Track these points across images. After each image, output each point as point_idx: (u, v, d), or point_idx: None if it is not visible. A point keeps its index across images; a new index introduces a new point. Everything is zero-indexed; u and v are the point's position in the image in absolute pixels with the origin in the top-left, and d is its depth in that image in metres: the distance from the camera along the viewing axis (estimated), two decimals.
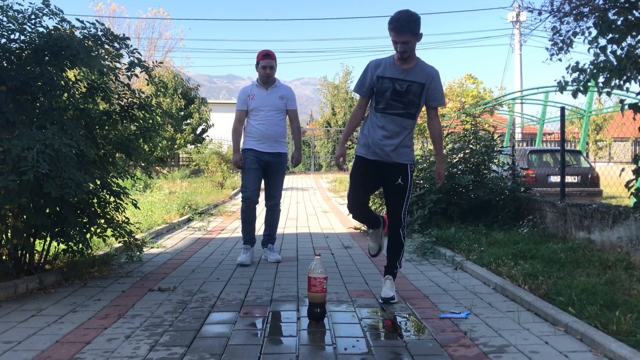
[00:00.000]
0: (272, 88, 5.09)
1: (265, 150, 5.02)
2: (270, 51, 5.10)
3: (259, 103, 5.02)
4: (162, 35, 28.04)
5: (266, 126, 5.01)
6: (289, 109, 5.15)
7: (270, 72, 5.01)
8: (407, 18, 3.38)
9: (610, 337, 2.69)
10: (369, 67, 3.61)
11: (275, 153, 5.06)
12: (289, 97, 5.14)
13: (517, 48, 23.33)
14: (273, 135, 5.02)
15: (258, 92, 5.07)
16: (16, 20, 3.87)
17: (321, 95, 28.91)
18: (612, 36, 4.11)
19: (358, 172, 3.73)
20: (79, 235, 4.16)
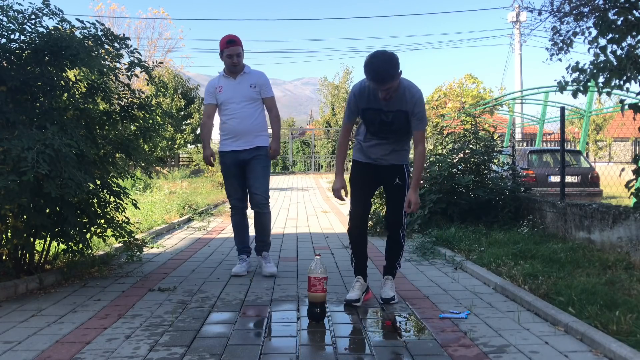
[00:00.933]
0: (241, 76, 4.49)
1: (241, 147, 4.48)
2: (234, 37, 4.47)
3: (228, 95, 4.46)
4: (162, 35, 28.01)
5: (238, 120, 4.46)
6: (264, 96, 4.53)
7: (237, 61, 4.41)
8: (385, 68, 3.19)
9: (610, 337, 2.69)
10: (352, 98, 3.50)
11: (252, 149, 4.48)
12: (262, 83, 4.51)
13: (517, 48, 23.34)
14: (248, 130, 4.46)
15: (226, 83, 4.49)
16: (16, 20, 3.87)
17: (321, 95, 28.92)
18: (612, 36, 4.11)
19: (357, 176, 3.72)
20: (79, 235, 4.16)
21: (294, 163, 28.40)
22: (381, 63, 3.19)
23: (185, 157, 22.66)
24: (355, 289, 3.63)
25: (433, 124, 15.62)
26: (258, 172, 4.49)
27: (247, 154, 4.48)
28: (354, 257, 3.75)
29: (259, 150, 4.50)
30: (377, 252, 5.66)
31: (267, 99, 4.55)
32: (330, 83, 28.14)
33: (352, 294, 3.59)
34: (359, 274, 3.72)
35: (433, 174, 6.95)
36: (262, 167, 4.51)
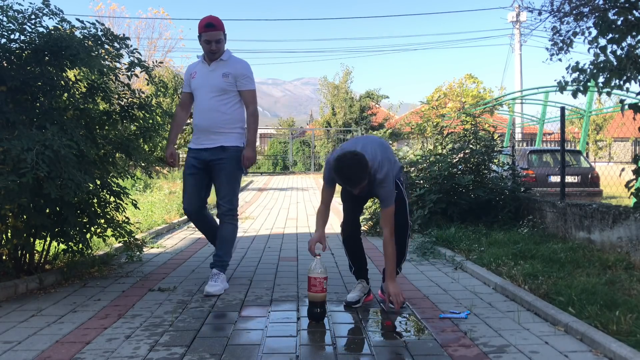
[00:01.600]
0: (216, 63, 3.93)
1: (203, 146, 3.94)
2: (214, 19, 3.93)
3: (197, 83, 3.98)
4: (162, 35, 28.03)
5: (202, 113, 3.93)
6: (240, 89, 3.93)
7: (216, 48, 3.90)
8: (356, 173, 3.13)
9: (610, 337, 2.69)
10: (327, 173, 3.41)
11: (216, 148, 3.91)
12: (239, 73, 3.91)
13: (517, 48, 23.34)
14: (211, 125, 3.90)
15: (200, 69, 4.00)
16: (16, 20, 3.87)
17: (321, 95, 28.88)
18: (612, 36, 4.11)
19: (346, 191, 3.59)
20: (79, 235, 4.16)
21: (294, 163, 28.39)
22: (352, 170, 3.14)
23: (185, 157, 22.64)
24: (356, 290, 3.62)
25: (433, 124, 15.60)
26: (222, 179, 3.94)
27: (210, 154, 3.92)
28: (352, 264, 3.74)
29: (224, 152, 3.89)
30: (377, 252, 5.66)
31: (244, 92, 3.96)
32: (330, 83, 28.10)
33: (352, 295, 3.58)
34: (361, 278, 3.71)
35: (433, 174, 6.95)
36: (226, 173, 3.92)
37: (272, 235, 7.06)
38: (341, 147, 3.45)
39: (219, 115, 3.90)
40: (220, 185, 3.97)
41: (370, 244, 6.26)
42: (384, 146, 3.46)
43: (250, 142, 3.98)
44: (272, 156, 29.72)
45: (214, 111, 3.90)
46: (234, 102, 3.95)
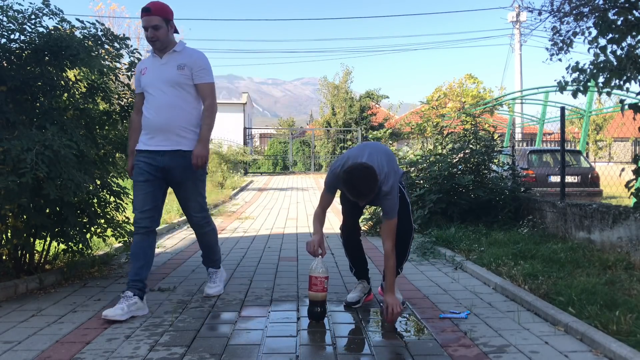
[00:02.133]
0: (168, 55, 3.48)
1: (158, 147, 3.44)
2: (152, 3, 3.42)
3: (149, 78, 3.49)
4: None
5: (154, 111, 3.42)
6: (197, 82, 3.48)
7: (155, 35, 3.39)
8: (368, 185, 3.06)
9: (610, 337, 2.69)
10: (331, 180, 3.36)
11: (176, 153, 3.44)
12: (196, 65, 3.47)
13: (517, 48, 23.34)
14: (166, 124, 3.41)
15: (151, 64, 3.53)
16: (16, 20, 3.87)
17: (321, 95, 28.86)
18: (612, 36, 4.10)
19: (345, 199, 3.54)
20: (79, 235, 4.16)
21: (294, 163, 28.39)
22: (362, 184, 3.07)
23: None
24: (357, 290, 3.62)
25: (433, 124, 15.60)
26: (189, 190, 3.59)
27: (169, 160, 3.45)
28: (353, 266, 3.73)
29: (185, 158, 3.46)
30: (377, 252, 5.66)
31: (201, 86, 3.49)
32: (330, 83, 28.09)
33: (352, 296, 3.58)
34: (362, 278, 3.71)
35: (433, 174, 6.95)
36: (193, 183, 3.57)
37: (272, 235, 7.06)
38: (347, 155, 3.35)
39: (178, 113, 3.42)
40: (189, 200, 3.61)
41: (370, 244, 6.26)
42: (390, 156, 3.38)
43: (203, 139, 3.48)
44: (272, 156, 29.72)
45: (173, 107, 3.41)
46: (192, 97, 3.50)
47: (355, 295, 3.57)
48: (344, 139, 26.65)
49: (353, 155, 3.33)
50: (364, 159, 3.22)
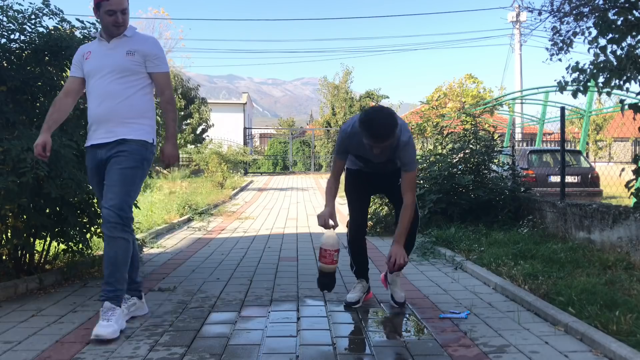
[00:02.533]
0: (117, 40, 3.10)
1: (99, 141, 3.07)
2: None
3: (93, 64, 3.09)
4: (162, 35, 28.11)
5: (98, 100, 3.07)
6: (151, 71, 3.13)
7: (122, 20, 3.06)
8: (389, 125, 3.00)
9: (610, 337, 2.69)
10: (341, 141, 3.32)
11: (113, 143, 3.03)
12: (150, 53, 3.11)
13: (517, 48, 23.33)
14: (109, 114, 3.03)
15: (97, 49, 3.13)
16: (16, 20, 3.87)
17: (321, 95, 28.88)
18: (612, 36, 4.11)
19: (352, 185, 3.56)
20: (79, 235, 4.16)
21: (294, 163, 28.39)
22: (383, 122, 3.01)
23: (185, 157, 22.67)
24: (356, 290, 3.60)
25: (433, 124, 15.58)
26: (113, 177, 2.99)
27: (106, 152, 3.05)
28: (354, 264, 3.66)
29: (122, 145, 3.02)
30: (377, 252, 5.66)
31: (157, 76, 3.15)
32: (330, 83, 28.10)
33: (352, 296, 3.56)
34: (361, 277, 3.67)
35: (433, 174, 6.95)
36: (120, 170, 2.99)
37: (272, 235, 7.06)
38: (354, 118, 3.29)
39: (120, 102, 3.03)
40: (110, 187, 2.98)
41: (370, 244, 6.24)
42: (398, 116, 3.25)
43: (171, 136, 3.19)
44: (272, 156, 29.73)
45: (113, 97, 3.03)
46: (141, 86, 3.12)
47: (355, 295, 3.56)
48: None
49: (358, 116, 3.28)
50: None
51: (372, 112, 3.09)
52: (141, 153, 3.07)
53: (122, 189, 2.98)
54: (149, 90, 3.19)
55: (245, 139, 27.80)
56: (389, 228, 6.97)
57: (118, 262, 2.97)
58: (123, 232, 2.98)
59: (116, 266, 2.97)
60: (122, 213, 2.96)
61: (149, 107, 3.18)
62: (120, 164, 3.00)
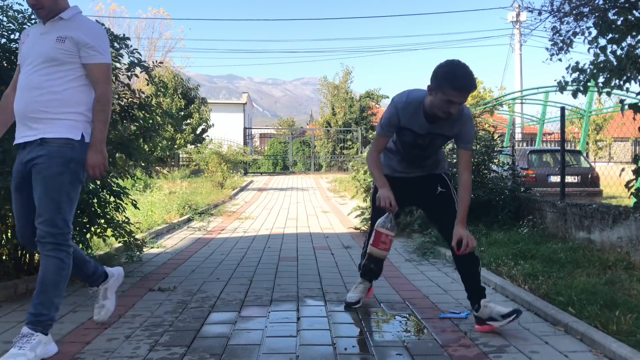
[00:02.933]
0: (52, 23, 2.69)
1: (20, 139, 2.68)
2: None
3: (25, 50, 2.74)
4: (162, 35, 28.12)
5: (19, 93, 2.68)
6: (85, 62, 2.68)
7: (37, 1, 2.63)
8: (471, 75, 2.79)
9: (610, 337, 2.69)
10: (395, 111, 3.03)
11: (35, 143, 2.62)
12: (82, 40, 2.65)
13: (517, 48, 23.33)
14: (28, 109, 2.63)
15: (34, 32, 2.76)
16: (16, 20, 3.87)
17: (321, 95, 28.88)
18: (612, 36, 4.11)
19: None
20: (79, 235, 4.16)
21: (294, 163, 28.39)
22: (468, 71, 2.78)
23: (185, 157, 22.67)
24: (357, 291, 3.49)
25: None
26: (37, 189, 2.59)
27: (27, 153, 2.64)
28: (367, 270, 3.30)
29: (42, 148, 2.60)
30: None
31: (90, 67, 2.69)
32: (330, 83, 28.10)
33: (352, 295, 3.47)
34: (365, 278, 3.47)
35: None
36: (42, 179, 2.58)
37: (272, 235, 7.06)
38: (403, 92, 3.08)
39: (41, 95, 2.62)
40: (37, 198, 2.59)
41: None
42: None
43: (96, 142, 2.67)
44: (272, 156, 29.74)
45: (34, 89, 2.63)
46: (71, 77, 2.68)
47: (356, 295, 3.49)
48: (344, 139, 26.65)
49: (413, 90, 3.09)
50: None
51: (451, 63, 2.81)
52: (64, 154, 2.59)
53: (50, 201, 2.56)
54: (81, 83, 2.72)
55: (245, 139, 27.80)
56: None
57: (46, 284, 2.56)
58: (55, 250, 2.56)
59: (43, 288, 2.56)
60: (53, 229, 2.55)
61: (80, 99, 2.70)
62: (40, 172, 2.58)
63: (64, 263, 2.60)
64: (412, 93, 3.04)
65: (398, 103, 3.04)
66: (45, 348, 2.55)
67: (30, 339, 2.50)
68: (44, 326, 2.55)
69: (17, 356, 2.43)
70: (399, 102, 3.03)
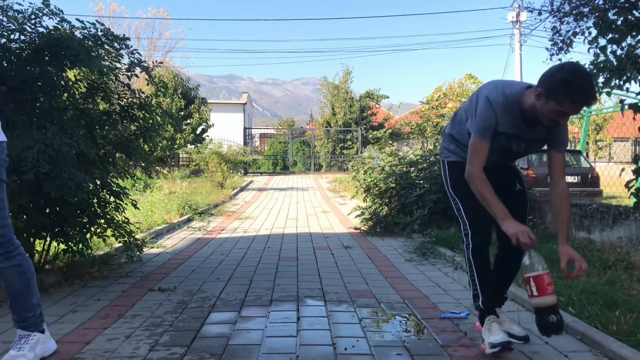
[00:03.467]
0: None
1: None
2: None
3: None
4: (162, 35, 28.10)
5: None
6: None
7: None
8: (594, 87, 2.39)
9: (610, 337, 2.69)
10: (493, 113, 2.51)
11: None
12: None
13: (517, 48, 23.30)
14: None
15: None
16: (16, 20, 3.87)
17: (321, 95, 28.87)
18: (612, 36, 4.11)
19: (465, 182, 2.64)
20: (79, 235, 4.16)
21: (294, 163, 28.39)
22: (591, 82, 2.36)
23: (185, 157, 22.67)
24: (495, 331, 2.66)
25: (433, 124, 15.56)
26: None
27: None
28: (482, 293, 2.72)
29: None
30: (377, 252, 5.67)
31: None
32: (330, 83, 28.08)
33: (496, 337, 2.62)
34: (492, 313, 2.74)
35: (433, 174, 6.95)
36: None
37: (272, 235, 7.06)
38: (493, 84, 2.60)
39: None
40: None
41: (370, 243, 6.27)
42: None
43: None
44: (272, 156, 29.73)
45: None
46: None
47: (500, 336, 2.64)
48: (344, 139, 26.64)
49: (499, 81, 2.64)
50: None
51: (573, 70, 2.35)
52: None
53: None
54: None
55: (245, 139, 27.79)
56: (389, 228, 6.97)
57: (17, 293, 2.51)
58: (8, 260, 2.44)
59: (16, 297, 2.51)
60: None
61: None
62: None
63: (23, 266, 2.51)
64: (507, 88, 2.54)
65: (494, 102, 2.50)
66: (44, 346, 2.56)
67: (28, 339, 2.51)
68: (37, 324, 2.56)
69: (17, 357, 2.43)
70: (495, 101, 2.50)
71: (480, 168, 2.53)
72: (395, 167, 7.74)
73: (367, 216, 7.29)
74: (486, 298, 2.72)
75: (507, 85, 2.58)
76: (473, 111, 2.57)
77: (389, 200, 7.48)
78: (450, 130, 2.86)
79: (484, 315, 2.72)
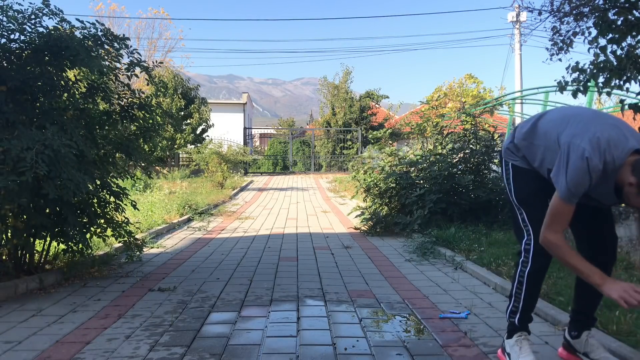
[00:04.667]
0: None
1: None
2: None
3: None
4: (162, 35, 28.09)
5: None
6: None
7: None
8: None
9: (611, 337, 2.69)
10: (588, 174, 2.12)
11: None
12: None
13: (517, 48, 23.31)
14: None
15: None
16: (16, 20, 3.87)
17: (321, 95, 28.85)
18: (612, 36, 4.10)
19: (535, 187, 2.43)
20: (78, 235, 4.16)
21: (294, 163, 28.38)
22: None
23: (185, 157, 22.66)
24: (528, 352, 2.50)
25: (433, 124, 15.57)
26: None
27: None
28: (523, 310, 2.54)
29: None
30: (377, 252, 5.67)
31: None
32: (330, 83, 28.07)
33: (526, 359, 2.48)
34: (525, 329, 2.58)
35: (433, 174, 6.95)
36: None
37: (272, 235, 7.06)
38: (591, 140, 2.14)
39: None
40: None
41: (370, 243, 6.27)
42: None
43: None
44: (272, 156, 29.74)
45: None
46: None
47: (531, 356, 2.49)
48: (344, 139, 26.64)
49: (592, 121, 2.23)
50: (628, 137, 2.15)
51: None
52: None
53: None
54: None
55: (245, 139, 27.78)
56: (389, 228, 6.97)
57: None
58: None
59: None
60: None
61: None
62: None
63: None
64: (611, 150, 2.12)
65: (594, 169, 2.12)
66: None
67: None
68: None
69: None
70: (595, 168, 2.12)
71: (561, 235, 2.22)
72: (395, 167, 7.75)
73: (367, 216, 7.29)
74: (525, 317, 2.55)
75: (612, 144, 2.13)
76: (564, 164, 2.17)
77: (389, 200, 7.49)
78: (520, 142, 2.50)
79: (515, 330, 2.55)
